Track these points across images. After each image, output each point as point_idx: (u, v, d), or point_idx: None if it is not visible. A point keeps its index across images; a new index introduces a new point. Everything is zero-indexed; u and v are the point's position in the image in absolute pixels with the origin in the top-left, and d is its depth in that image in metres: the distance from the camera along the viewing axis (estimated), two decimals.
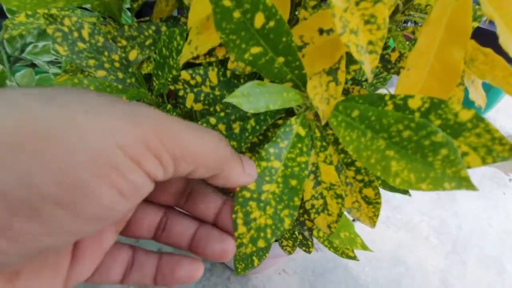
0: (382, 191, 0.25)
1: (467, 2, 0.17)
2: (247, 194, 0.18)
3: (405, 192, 0.31)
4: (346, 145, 0.17)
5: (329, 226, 0.21)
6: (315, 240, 0.51)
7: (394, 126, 0.15)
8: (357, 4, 0.16)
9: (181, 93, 0.21)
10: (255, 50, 0.16)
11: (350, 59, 0.20)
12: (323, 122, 0.19)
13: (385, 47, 0.29)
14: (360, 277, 0.70)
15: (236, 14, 0.15)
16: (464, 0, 0.16)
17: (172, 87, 0.21)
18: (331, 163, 0.20)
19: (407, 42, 0.29)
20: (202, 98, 0.21)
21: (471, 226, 0.89)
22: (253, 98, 0.16)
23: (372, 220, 0.23)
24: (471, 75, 0.23)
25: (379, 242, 0.79)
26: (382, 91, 0.41)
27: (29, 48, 0.45)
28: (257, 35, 0.16)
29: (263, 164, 0.18)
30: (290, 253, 0.38)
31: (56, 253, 0.13)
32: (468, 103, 0.27)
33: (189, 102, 0.21)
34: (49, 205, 0.09)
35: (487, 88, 1.28)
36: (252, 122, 0.20)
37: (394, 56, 0.27)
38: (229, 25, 0.15)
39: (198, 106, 0.21)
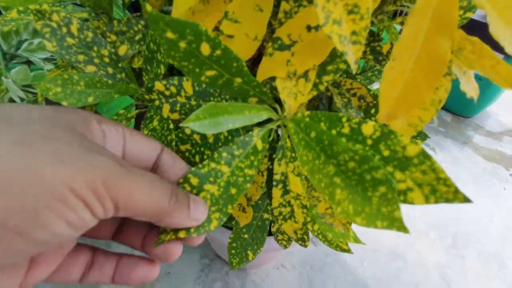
0: None
1: None
2: (188, 187, 0.18)
3: None
4: (302, 164, 0.17)
5: (295, 232, 0.22)
6: (312, 235, 0.52)
7: (341, 155, 0.15)
8: None
9: (156, 103, 0.21)
10: (210, 73, 0.16)
11: (333, 54, 0.20)
12: (288, 117, 0.19)
13: (378, 39, 0.28)
14: (358, 272, 0.70)
15: (182, 44, 0.15)
16: None
17: (147, 97, 0.21)
18: (298, 174, 0.20)
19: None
20: (178, 108, 0.21)
21: (472, 221, 0.89)
22: (210, 119, 0.16)
23: (345, 226, 0.23)
24: (463, 66, 0.23)
25: (377, 237, 0.79)
26: (378, 84, 0.41)
27: (24, 45, 0.45)
28: (207, 61, 0.16)
29: (212, 165, 0.18)
30: (286, 247, 0.38)
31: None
32: (459, 94, 0.27)
33: (165, 112, 0.21)
34: (7, 232, 0.11)
35: (488, 82, 1.26)
36: (225, 133, 0.20)
37: (386, 48, 0.27)
38: (178, 54, 0.15)
39: (174, 116, 0.21)
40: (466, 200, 0.14)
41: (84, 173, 0.12)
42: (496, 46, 0.18)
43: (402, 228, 0.13)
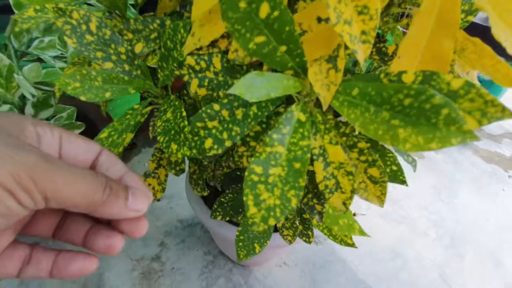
0: None
1: None
2: (255, 178, 0.19)
3: (403, 182, 0.32)
4: (352, 121, 0.18)
5: (344, 203, 0.22)
6: (315, 233, 0.52)
7: (394, 96, 0.16)
8: None
9: (185, 78, 0.22)
10: (259, 39, 0.17)
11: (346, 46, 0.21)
12: (324, 108, 0.20)
13: (383, 40, 0.30)
14: (359, 270, 0.71)
15: (242, 4, 0.16)
16: None
17: (177, 72, 0.22)
18: (337, 143, 0.21)
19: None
20: (206, 84, 0.22)
21: (470, 220, 0.90)
22: (254, 88, 0.17)
23: (380, 199, 0.24)
24: (466, 66, 0.24)
25: (378, 236, 0.80)
26: None
27: (35, 43, 0.46)
28: (261, 25, 0.17)
29: (268, 149, 0.19)
30: (290, 242, 0.39)
31: None
32: None
33: (194, 87, 0.22)
34: None
35: (487, 84, 1.28)
36: (254, 108, 0.21)
37: (391, 49, 0.28)
38: (235, 15, 0.16)
39: (202, 91, 0.22)
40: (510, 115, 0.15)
41: (7, 166, 0.13)
42: (498, 50, 0.19)
43: (474, 137, 0.14)
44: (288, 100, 0.23)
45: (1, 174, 0.13)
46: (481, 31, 0.29)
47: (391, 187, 0.91)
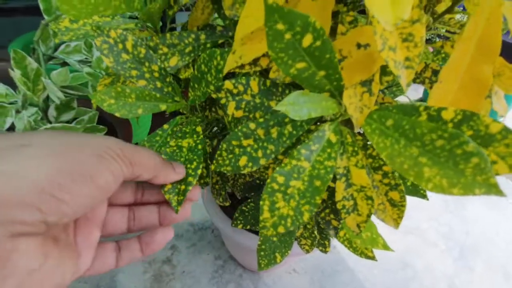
0: None
1: (497, 21, 0.18)
2: (276, 186, 0.20)
3: (423, 196, 0.32)
4: (380, 151, 0.18)
5: (358, 226, 0.22)
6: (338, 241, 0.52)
7: (427, 135, 0.17)
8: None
9: (223, 101, 0.22)
10: (300, 65, 0.18)
11: (384, 71, 0.21)
12: (356, 130, 0.20)
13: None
14: (368, 280, 0.71)
15: (287, 36, 0.17)
16: (494, 19, 0.18)
17: (214, 96, 0.22)
18: (362, 167, 0.21)
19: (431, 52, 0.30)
20: (243, 106, 0.22)
21: (479, 233, 0.90)
22: (297, 106, 0.18)
23: (396, 221, 0.24)
24: (494, 86, 0.24)
25: (389, 245, 0.80)
26: (401, 98, 0.42)
27: (62, 47, 0.47)
28: (303, 53, 0.18)
29: (294, 162, 0.20)
30: (308, 251, 0.39)
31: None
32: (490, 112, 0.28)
33: (231, 109, 0.22)
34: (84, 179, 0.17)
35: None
36: (289, 127, 0.22)
37: (419, 67, 0.28)
38: (280, 45, 0.17)
39: (239, 113, 0.23)
40: None
41: (112, 142, 0.19)
42: None
43: (499, 192, 0.15)
44: (319, 119, 0.24)
45: (112, 145, 0.18)
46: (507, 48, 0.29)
47: None
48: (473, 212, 0.96)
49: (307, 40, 0.17)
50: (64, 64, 0.48)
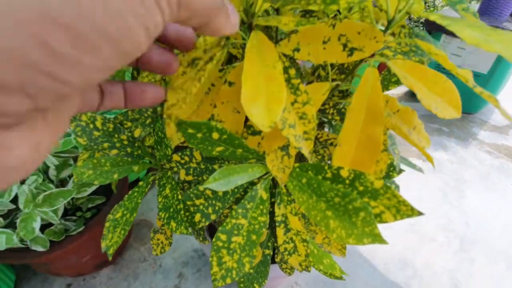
0: None
1: (378, 92, 0.22)
2: (220, 244, 0.24)
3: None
4: (300, 204, 0.22)
5: (300, 264, 0.26)
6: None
7: (328, 193, 0.20)
8: (292, 104, 0.22)
9: (175, 169, 0.27)
10: (219, 148, 0.22)
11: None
12: (281, 186, 0.24)
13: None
14: (369, 283, 0.74)
15: (199, 135, 0.21)
16: (376, 91, 0.22)
17: (167, 166, 0.27)
18: (296, 214, 0.25)
19: None
20: (191, 172, 0.27)
21: (479, 221, 0.91)
22: (223, 180, 0.22)
23: (341, 251, 0.28)
24: (412, 123, 0.28)
25: (387, 247, 0.82)
26: None
27: None
28: (217, 142, 0.22)
29: (233, 221, 0.24)
30: (290, 274, 0.43)
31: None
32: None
33: (182, 175, 0.27)
34: (103, 41, 0.11)
35: (486, 78, 1.27)
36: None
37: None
38: (196, 141, 0.21)
39: (189, 178, 0.27)
40: (420, 213, 0.19)
41: None
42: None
43: (382, 241, 0.18)
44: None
45: None
46: None
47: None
48: (472, 200, 0.97)
49: (215, 135, 0.21)
50: None
